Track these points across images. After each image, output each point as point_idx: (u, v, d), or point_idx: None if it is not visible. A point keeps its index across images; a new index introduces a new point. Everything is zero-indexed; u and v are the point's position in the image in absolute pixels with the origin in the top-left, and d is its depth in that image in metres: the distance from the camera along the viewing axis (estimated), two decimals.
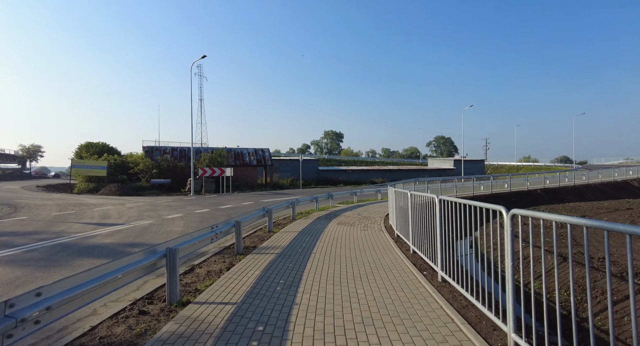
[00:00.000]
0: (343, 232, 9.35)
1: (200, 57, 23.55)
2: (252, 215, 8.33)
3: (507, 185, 27.97)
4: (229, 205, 17.20)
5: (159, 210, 14.79)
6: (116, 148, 44.86)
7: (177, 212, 14.24)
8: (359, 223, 10.99)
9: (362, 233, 9.14)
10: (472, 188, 23.67)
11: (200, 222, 11.58)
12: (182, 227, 10.65)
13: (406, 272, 5.52)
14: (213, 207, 16.36)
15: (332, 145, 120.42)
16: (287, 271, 5.57)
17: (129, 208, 15.40)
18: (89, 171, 32.37)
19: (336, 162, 74.76)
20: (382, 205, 17.21)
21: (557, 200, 24.33)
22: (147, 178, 34.38)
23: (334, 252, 6.94)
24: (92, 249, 7.50)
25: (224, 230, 6.43)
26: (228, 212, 14.51)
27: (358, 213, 13.64)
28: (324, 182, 47.33)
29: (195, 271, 5.76)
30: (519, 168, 74.95)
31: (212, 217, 12.77)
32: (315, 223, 11.02)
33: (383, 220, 11.74)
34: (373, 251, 7.04)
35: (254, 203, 18.43)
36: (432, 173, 55.89)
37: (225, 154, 37.13)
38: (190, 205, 16.81)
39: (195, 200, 19.66)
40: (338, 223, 10.97)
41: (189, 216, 13.02)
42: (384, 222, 11.19)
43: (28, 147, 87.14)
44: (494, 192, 23.97)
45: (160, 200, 19.48)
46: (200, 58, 23.61)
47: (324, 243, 7.80)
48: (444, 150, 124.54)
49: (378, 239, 8.36)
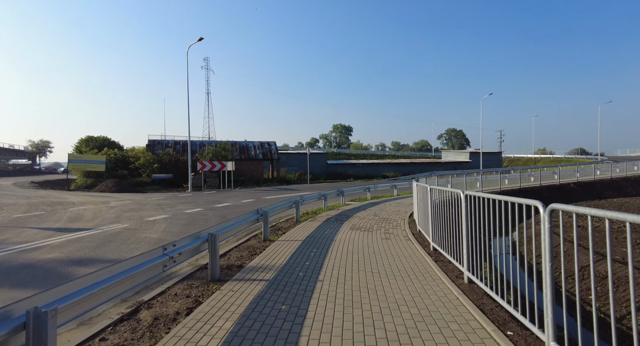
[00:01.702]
0: (359, 242, 7.26)
1: (197, 40, 21.53)
2: (238, 222, 6.29)
3: (532, 178, 25.53)
4: (226, 203, 15.26)
5: (144, 209, 12.92)
6: (118, 143, 43.46)
7: (164, 212, 12.35)
8: (377, 228, 8.88)
9: (384, 244, 7.03)
10: (498, 182, 21.27)
11: (185, 226, 9.64)
12: (160, 232, 8.71)
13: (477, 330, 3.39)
14: (207, 205, 14.43)
15: (341, 139, 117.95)
16: (277, 320, 3.52)
17: (111, 207, 13.58)
18: (86, 166, 30.87)
19: (345, 156, 72.40)
20: (400, 202, 15.04)
21: (593, 195, 21.77)
22: (148, 173, 32.81)
23: (349, 279, 4.85)
24: (17, 270, 5.57)
25: (188, 249, 4.40)
26: (223, 212, 12.55)
27: (374, 214, 11.52)
28: (333, 176, 45.20)
29: (139, 315, 3.75)
30: (536, 161, 71.72)
31: (201, 219, 10.82)
32: (323, 228, 8.96)
33: (407, 223, 9.60)
34: (407, 277, 4.91)
35: (255, 200, 16.46)
36: (447, 166, 53.23)
37: (229, 148, 35.26)
38: (182, 204, 14.92)
39: (191, 197, 17.79)
40: (351, 228, 8.88)
41: (176, 217, 11.10)
42: (408, 226, 9.06)
43: (37, 143, 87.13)
44: (522, 187, 21.56)
45: (153, 197, 17.68)
46: (197, 41, 21.59)
47: (335, 262, 5.72)
48: (456, 143, 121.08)
49: (408, 253, 6.24)
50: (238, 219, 6.46)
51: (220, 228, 5.37)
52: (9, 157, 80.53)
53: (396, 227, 9.06)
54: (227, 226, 5.69)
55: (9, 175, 52.03)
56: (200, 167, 25.77)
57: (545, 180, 23.50)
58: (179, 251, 4.15)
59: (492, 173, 27.94)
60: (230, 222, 6.00)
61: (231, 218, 6.30)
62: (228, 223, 5.85)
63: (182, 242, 4.30)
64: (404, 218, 10.43)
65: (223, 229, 5.47)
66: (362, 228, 8.91)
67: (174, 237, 8.32)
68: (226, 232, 5.59)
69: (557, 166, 36.63)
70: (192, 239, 4.57)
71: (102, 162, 31.16)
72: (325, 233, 8.31)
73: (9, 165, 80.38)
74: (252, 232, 8.69)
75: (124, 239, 7.89)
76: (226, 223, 5.81)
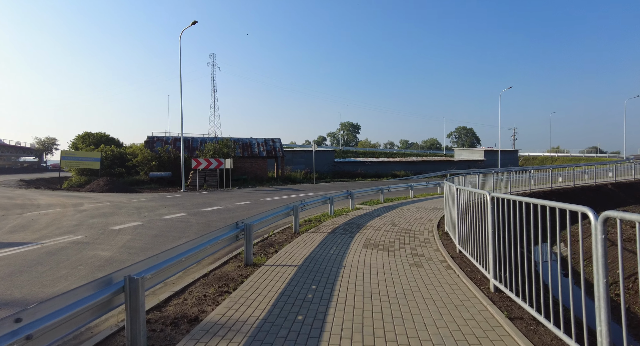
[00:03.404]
0: (377, 272, 5.12)
1: (191, 24, 19.57)
2: (196, 247, 4.20)
3: (561, 178, 23.06)
4: (217, 206, 13.23)
5: (117, 214, 10.95)
6: (118, 139, 41.88)
7: (139, 217, 10.36)
8: (400, 245, 6.73)
9: (415, 278, 4.88)
10: (527, 183, 18.90)
11: (153, 238, 7.62)
12: (116, 249, 6.70)
13: None
14: (194, 209, 12.42)
15: (349, 137, 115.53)
16: None
17: (79, 211, 11.64)
18: (80, 163, 29.26)
19: (353, 154, 69.99)
20: (420, 207, 12.84)
21: (637, 197, 19.23)
22: (146, 171, 31.08)
23: None
24: None
25: (57, 323, 2.29)
26: (209, 218, 10.52)
27: (392, 222, 9.36)
28: (341, 174, 43.01)
29: None
30: (554, 160, 68.57)
31: (178, 229, 8.80)
32: (327, 243, 6.84)
33: (438, 237, 7.41)
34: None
35: (252, 202, 14.41)
36: (460, 165, 50.62)
37: (231, 144, 33.35)
38: (166, 207, 12.95)
39: (180, 199, 15.82)
40: (365, 245, 6.74)
41: (148, 225, 9.10)
42: (441, 242, 6.87)
43: (43, 140, 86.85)
44: (554, 188, 19.14)
45: (137, 199, 15.75)
46: (190, 25, 19.61)
47: (345, 319, 3.60)
48: (466, 141, 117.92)
49: (458, 298, 4.08)
50: (200, 241, 4.38)
51: (154, 263, 3.28)
52: (15, 154, 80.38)
53: (425, 243, 6.88)
54: (170, 258, 3.59)
55: (13, 173, 51.14)
56: (195, 164, 23.83)
57: (577, 181, 21.00)
58: (35, 328, 2.06)
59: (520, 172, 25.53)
60: (183, 247, 3.92)
61: (190, 241, 4.21)
62: (177, 251, 3.77)
63: (49, 308, 2.21)
64: (431, 230, 8.25)
65: (161, 264, 3.38)
66: (379, 245, 6.77)
67: (131, 255, 6.30)
68: (166, 269, 3.49)
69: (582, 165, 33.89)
70: (79, 295, 2.49)
71: (96, 159, 29.53)
72: (331, 253, 6.19)
73: (19, 162, 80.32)
74: (235, 250, 6.61)
75: (61, 260, 5.88)
76: (175, 251, 3.73)
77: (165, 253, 3.55)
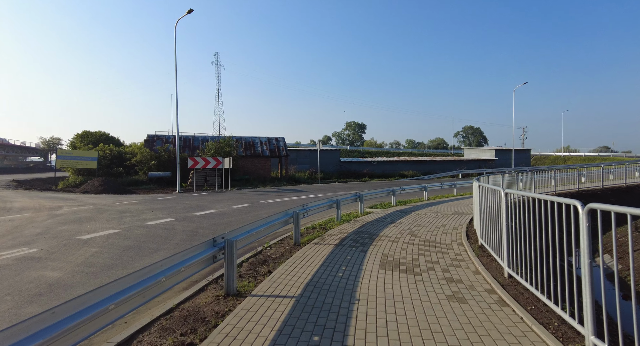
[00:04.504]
0: (404, 308, 3.70)
1: (186, 12, 18.28)
2: (136, 286, 2.82)
3: (584, 178, 21.33)
4: (210, 209, 11.89)
5: (95, 220, 9.65)
6: (118, 139, 40.82)
7: (118, 223, 9.06)
8: (425, 264, 5.30)
9: (457, 316, 3.45)
10: (551, 183, 17.32)
11: (125, 251, 6.29)
12: (72, 267, 5.37)
13: None
14: (184, 213, 11.10)
15: (355, 136, 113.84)
16: None
17: (53, 216, 10.37)
18: (76, 163, 28.15)
19: (359, 153, 68.39)
20: (439, 211, 11.37)
21: None
22: (145, 170, 29.96)
23: None
24: None
25: None
26: (198, 224, 9.19)
27: (410, 231, 7.92)
28: (346, 174, 41.56)
29: None
30: (566, 159, 66.47)
31: (158, 237, 7.47)
32: (335, 262, 5.44)
33: (471, 251, 5.95)
34: None
35: (250, 205, 13.06)
36: (471, 164, 48.85)
37: (233, 143, 32.10)
38: (153, 210, 11.64)
39: (172, 201, 14.51)
40: (383, 265, 5.32)
41: (124, 234, 7.78)
42: (479, 260, 5.42)
43: (48, 140, 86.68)
44: (581, 189, 17.52)
45: (126, 201, 14.48)
46: (186, 13, 18.35)
47: None
48: (473, 140, 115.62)
49: None
50: (149, 273, 3.00)
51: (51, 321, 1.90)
52: (22, 154, 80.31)
53: (458, 262, 5.44)
54: (82, 311, 2.20)
55: (16, 173, 50.67)
56: (192, 163, 22.57)
57: (597, 182, 19.26)
58: None
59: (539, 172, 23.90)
60: (112, 288, 2.54)
61: (131, 274, 2.84)
62: (101, 295, 2.39)
63: None
64: (460, 242, 6.80)
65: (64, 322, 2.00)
66: (399, 263, 5.34)
67: (87, 276, 4.97)
68: (78, 328, 2.10)
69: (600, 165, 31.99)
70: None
71: (93, 158, 28.42)
72: (339, 275, 4.79)
73: (26, 162, 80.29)
74: (214, 272, 5.24)
75: None
76: (99, 294, 2.36)
77: (85, 298, 2.17)
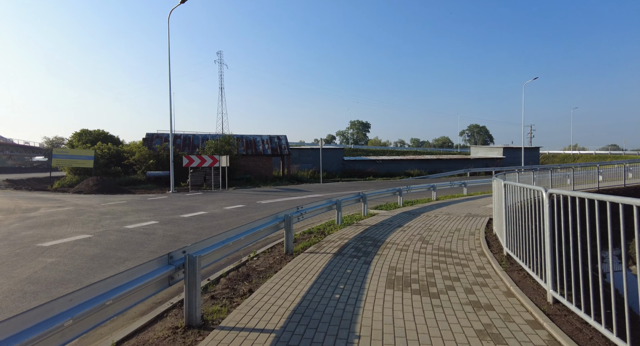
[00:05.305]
0: None
1: (180, 2, 17.37)
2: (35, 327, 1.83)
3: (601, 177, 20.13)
4: (201, 211, 10.95)
5: (68, 223, 8.74)
6: (118, 137, 40.11)
7: (94, 228, 8.15)
8: (443, 281, 4.30)
9: None
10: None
11: (90, 260, 5.36)
12: (10, 285, 4.44)
13: None
14: (173, 214, 10.17)
15: (359, 135, 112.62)
16: None
17: (23, 219, 9.47)
18: (72, 162, 27.45)
19: (363, 152, 67.19)
20: (450, 213, 10.34)
21: None
22: (144, 169, 29.19)
23: None
24: None
25: None
26: (183, 228, 8.25)
27: (420, 237, 6.90)
28: (350, 173, 40.52)
29: None
30: (576, 158, 64.82)
31: (132, 244, 6.53)
32: (331, 280, 4.46)
33: (497, 263, 4.91)
34: None
35: (245, 206, 12.10)
36: (478, 163, 47.59)
37: (234, 141, 31.24)
38: (138, 212, 10.72)
39: (163, 202, 13.60)
40: (390, 283, 4.32)
41: (95, 240, 6.86)
42: (507, 275, 4.39)
43: (52, 139, 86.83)
44: (601, 188, 16.39)
45: (113, 201, 13.60)
46: (180, 3, 17.44)
47: None
48: (478, 139, 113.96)
49: None
50: (75, 301, 2.03)
51: None
52: (26, 154, 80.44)
53: (483, 278, 4.41)
54: None
55: (20, 172, 50.38)
56: (187, 162, 21.70)
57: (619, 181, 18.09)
58: None
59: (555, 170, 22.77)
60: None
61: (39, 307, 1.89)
62: None
63: None
64: (481, 251, 5.77)
65: None
66: (410, 280, 4.34)
67: (24, 297, 4.03)
68: None
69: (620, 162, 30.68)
70: None
71: (89, 157, 27.68)
72: (336, 297, 3.81)
73: (30, 162, 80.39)
74: (173, 296, 4.27)
75: None
76: None
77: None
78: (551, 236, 3.49)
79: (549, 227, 3.51)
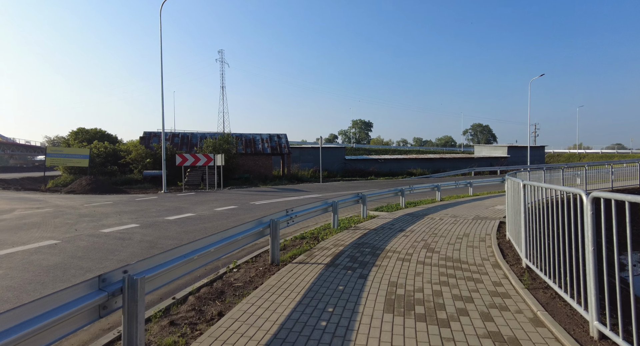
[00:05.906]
0: None
1: None
2: None
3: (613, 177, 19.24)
4: (189, 213, 10.24)
5: (39, 227, 8.04)
6: (115, 136, 39.66)
7: (65, 232, 7.46)
8: (453, 303, 3.54)
9: None
10: (578, 181, 15.38)
11: (46, 272, 4.65)
12: None
13: None
14: (157, 216, 9.47)
15: (361, 134, 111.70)
16: None
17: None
18: (67, 161, 26.80)
19: (365, 151, 66.33)
20: (456, 215, 9.57)
21: None
22: (140, 169, 28.59)
23: None
24: None
25: None
26: (165, 232, 7.54)
27: (425, 243, 6.15)
28: (352, 173, 39.76)
29: None
30: (581, 157, 63.69)
31: (103, 251, 5.83)
32: (319, 300, 3.72)
33: (516, 278, 4.12)
34: None
35: (237, 207, 11.39)
36: (482, 162, 46.68)
37: (232, 140, 30.56)
38: (121, 214, 10.03)
39: (151, 202, 12.90)
40: (389, 305, 3.57)
41: (61, 246, 6.16)
42: (529, 293, 3.63)
43: (52, 139, 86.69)
44: (615, 187, 15.56)
45: (99, 202, 12.92)
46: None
47: None
48: (482, 138, 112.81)
49: None
50: None
51: None
52: (28, 154, 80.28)
53: (501, 297, 3.66)
54: None
55: (20, 171, 50.15)
56: (180, 161, 21.02)
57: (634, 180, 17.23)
58: None
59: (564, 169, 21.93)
60: None
61: None
62: None
63: None
64: (495, 261, 5.00)
65: None
66: (414, 301, 3.60)
67: None
68: None
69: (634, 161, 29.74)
70: None
71: (84, 156, 27.02)
72: (322, 325, 3.06)
73: (32, 161, 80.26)
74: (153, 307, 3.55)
75: None
76: None
77: None
78: (595, 252, 2.73)
79: (592, 240, 2.75)
